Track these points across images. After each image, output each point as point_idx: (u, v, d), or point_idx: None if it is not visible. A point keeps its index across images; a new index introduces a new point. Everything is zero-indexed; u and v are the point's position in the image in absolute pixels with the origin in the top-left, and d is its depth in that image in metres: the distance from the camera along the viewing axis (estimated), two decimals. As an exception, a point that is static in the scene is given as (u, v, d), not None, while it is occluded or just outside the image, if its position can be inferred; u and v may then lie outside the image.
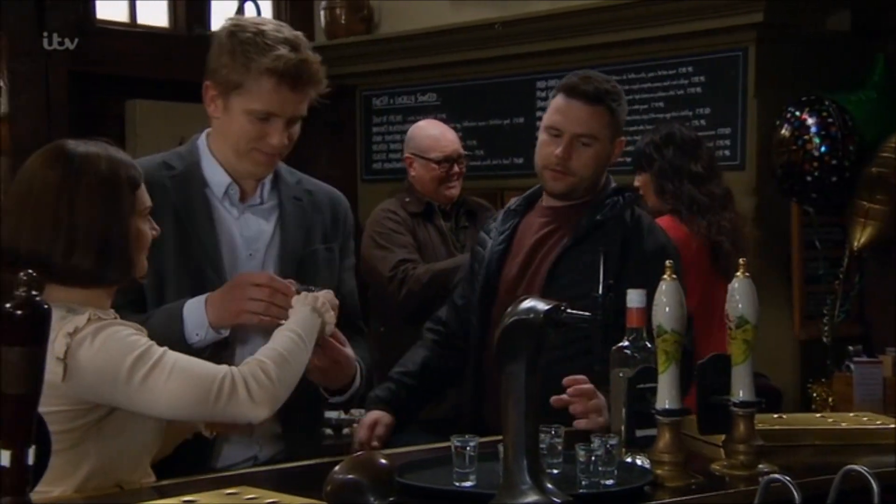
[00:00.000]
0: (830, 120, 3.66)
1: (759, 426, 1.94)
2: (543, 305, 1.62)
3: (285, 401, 1.86)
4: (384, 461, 1.65)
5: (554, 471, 1.78)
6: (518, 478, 1.58)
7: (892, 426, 2.18)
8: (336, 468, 1.62)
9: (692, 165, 3.22)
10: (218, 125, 2.14)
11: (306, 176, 2.28)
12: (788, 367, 3.83)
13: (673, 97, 4.07)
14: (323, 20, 4.95)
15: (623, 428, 1.88)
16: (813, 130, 3.66)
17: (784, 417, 2.32)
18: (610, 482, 1.72)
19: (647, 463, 1.82)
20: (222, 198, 2.15)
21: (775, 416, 2.29)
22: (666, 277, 1.86)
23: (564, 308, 1.63)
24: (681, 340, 1.84)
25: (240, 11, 4.62)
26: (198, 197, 2.12)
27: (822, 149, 3.66)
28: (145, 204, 1.85)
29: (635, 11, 4.00)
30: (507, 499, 1.58)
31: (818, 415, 2.63)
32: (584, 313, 1.71)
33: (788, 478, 1.56)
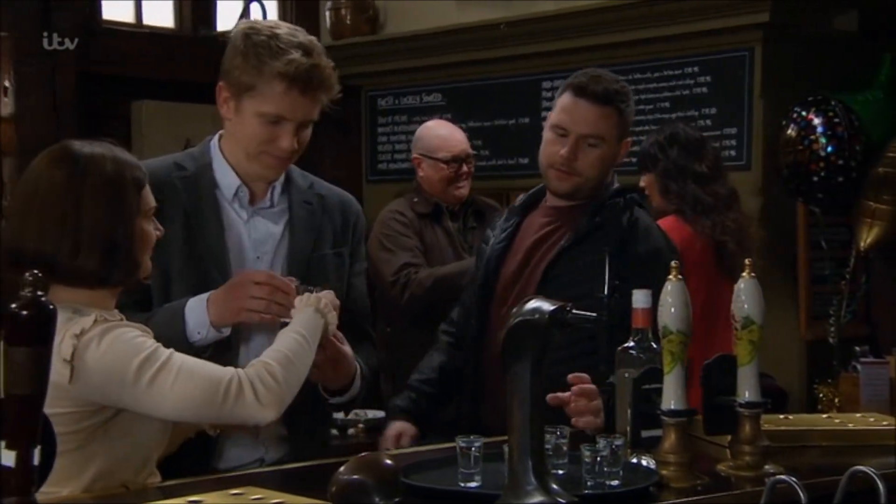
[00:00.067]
0: (837, 120, 3.65)
1: (765, 427, 1.94)
2: (549, 306, 1.62)
3: (291, 403, 1.86)
4: (389, 462, 1.65)
5: (559, 471, 1.78)
6: (523, 478, 1.58)
7: (899, 427, 2.17)
8: (341, 468, 1.62)
9: (696, 165, 3.22)
10: (230, 127, 2.14)
11: (319, 179, 2.28)
12: (794, 368, 3.82)
13: (679, 97, 4.06)
14: (328, 20, 4.95)
15: (628, 428, 1.88)
16: (819, 130, 3.66)
17: (790, 418, 2.32)
18: (615, 483, 1.72)
19: (653, 463, 1.82)
20: (232, 200, 2.15)
21: (781, 417, 2.28)
22: (672, 278, 1.86)
23: (570, 309, 1.63)
24: (686, 341, 1.83)
25: (245, 12, 4.62)
26: (207, 198, 2.12)
27: (829, 149, 3.65)
28: (150, 204, 1.85)
29: (641, 11, 3.99)
30: (513, 499, 1.58)
31: (824, 415, 2.62)
32: (590, 314, 1.70)
33: (794, 479, 1.56)
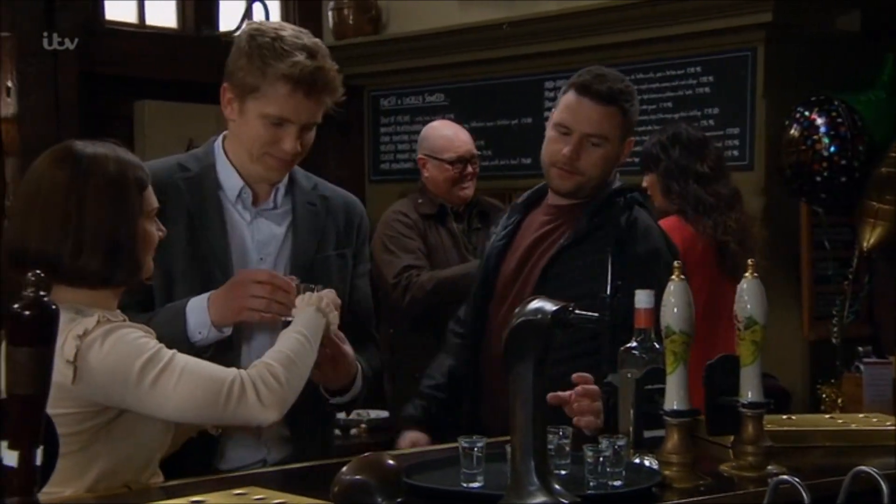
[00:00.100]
0: (840, 120, 3.65)
1: (768, 427, 1.94)
2: (551, 306, 1.62)
3: (293, 404, 1.86)
4: (392, 462, 1.65)
5: (562, 472, 1.77)
6: (526, 479, 1.58)
7: (902, 427, 2.17)
8: (344, 469, 1.62)
9: (698, 165, 3.22)
10: (233, 128, 2.14)
11: (323, 181, 2.28)
12: (797, 368, 3.82)
13: (681, 97, 4.06)
14: (331, 21, 4.95)
15: (631, 429, 1.87)
16: (822, 130, 3.65)
17: (793, 418, 2.31)
18: (618, 483, 1.72)
19: (655, 464, 1.82)
20: (235, 201, 2.15)
21: (784, 418, 2.28)
22: (674, 278, 1.86)
23: (572, 309, 1.63)
24: (689, 342, 1.83)
25: (248, 12, 4.62)
26: (211, 200, 2.12)
27: (832, 149, 3.64)
28: (152, 205, 1.85)
29: (643, 11, 3.99)
30: (515, 499, 1.58)
31: (827, 416, 2.62)
32: (592, 314, 1.70)
33: (797, 479, 1.55)
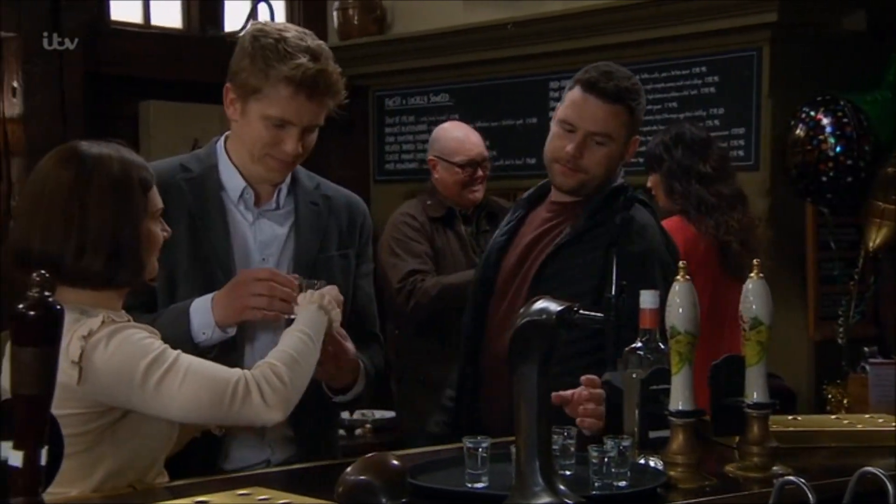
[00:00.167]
0: (845, 120, 3.64)
1: (774, 428, 1.94)
2: (556, 306, 1.61)
3: (297, 404, 1.86)
4: (396, 462, 1.65)
5: (566, 472, 1.77)
6: (531, 479, 1.58)
7: (908, 428, 2.16)
8: (348, 469, 1.62)
9: (701, 166, 3.21)
10: (236, 129, 2.14)
11: (325, 181, 2.28)
12: (803, 369, 3.81)
13: (686, 97, 4.05)
14: (336, 21, 4.96)
15: (636, 429, 1.87)
16: (828, 130, 3.64)
17: (799, 419, 2.31)
18: (623, 484, 1.72)
19: (661, 464, 1.82)
20: (237, 202, 2.15)
21: (790, 418, 2.28)
22: (679, 278, 1.86)
23: (577, 309, 1.62)
24: (694, 342, 1.83)
25: (253, 12, 4.62)
26: (213, 200, 2.12)
27: (837, 149, 3.64)
28: (157, 206, 1.85)
29: (648, 11, 3.99)
30: (520, 500, 1.58)
31: (833, 416, 2.62)
32: (597, 314, 1.70)
33: (803, 480, 1.55)
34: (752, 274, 1.90)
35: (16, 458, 1.23)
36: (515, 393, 1.61)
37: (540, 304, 1.63)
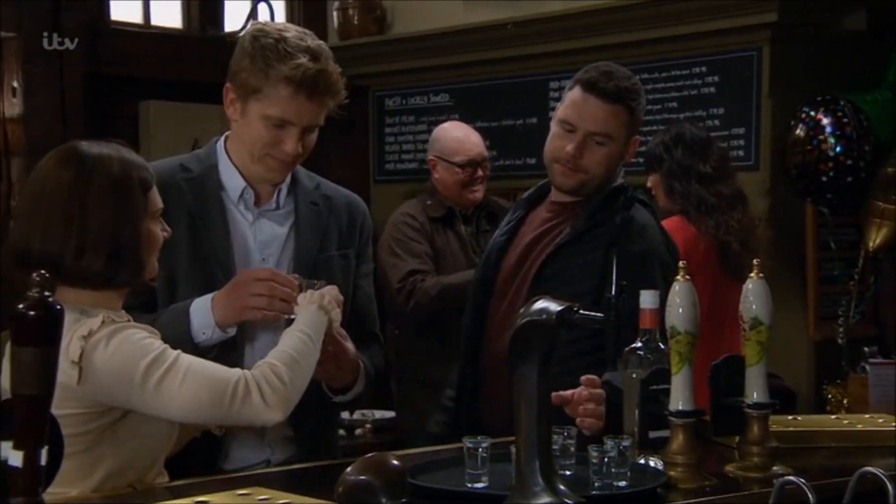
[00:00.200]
0: (846, 120, 3.64)
1: (774, 428, 1.94)
2: (556, 306, 1.61)
3: (297, 404, 1.86)
4: (396, 462, 1.65)
5: (566, 472, 1.77)
6: (531, 479, 1.58)
7: (908, 428, 2.16)
8: (348, 469, 1.62)
9: (700, 166, 3.22)
10: (236, 128, 2.14)
11: (325, 180, 2.28)
12: (803, 369, 3.81)
13: (686, 97, 4.05)
14: (336, 21, 4.96)
15: (636, 429, 1.87)
16: (828, 130, 3.64)
17: (799, 419, 2.31)
18: (623, 484, 1.72)
19: (661, 464, 1.82)
20: (237, 202, 2.15)
21: (790, 418, 2.27)
22: (679, 278, 1.86)
23: (577, 309, 1.62)
24: (694, 342, 1.83)
25: (253, 12, 4.62)
26: (213, 200, 2.12)
27: (837, 149, 3.64)
28: (157, 206, 1.85)
29: (649, 11, 3.99)
30: (520, 500, 1.58)
31: (833, 416, 2.62)
32: (598, 314, 1.69)
33: (803, 480, 1.55)
34: (753, 274, 1.90)
35: (16, 458, 1.23)
36: (515, 393, 1.61)
37: (540, 304, 1.63)
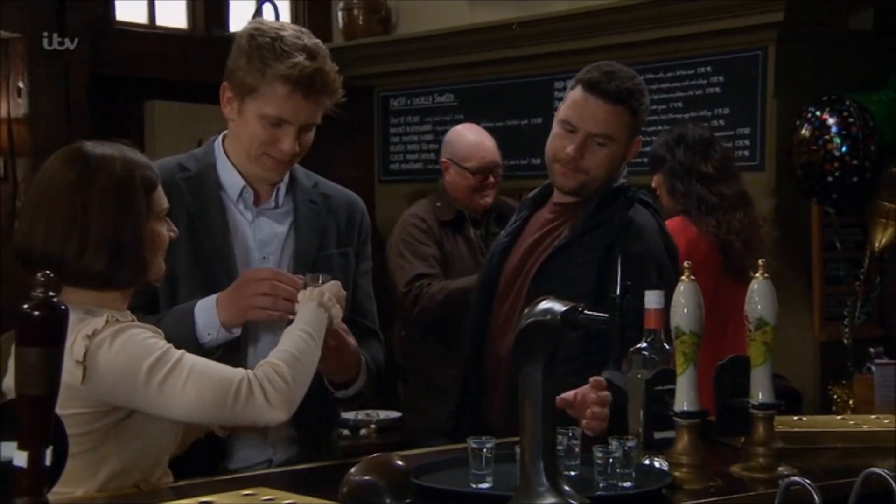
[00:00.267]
0: (851, 120, 3.63)
1: (779, 428, 1.93)
2: (560, 307, 1.61)
3: (300, 404, 1.85)
4: (401, 463, 1.65)
5: (571, 473, 1.77)
6: (535, 480, 1.57)
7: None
8: (352, 469, 1.62)
9: (702, 166, 3.21)
10: (233, 127, 2.14)
11: (323, 179, 2.27)
12: (808, 369, 3.80)
13: (692, 97, 4.05)
14: (340, 21, 4.96)
15: (641, 430, 1.87)
16: (833, 130, 3.64)
17: (804, 420, 2.30)
18: (627, 484, 1.71)
19: (666, 465, 1.81)
20: (237, 201, 2.14)
21: (795, 419, 2.27)
22: (684, 279, 1.85)
23: (582, 309, 1.62)
24: (699, 342, 1.82)
25: (258, 12, 4.63)
26: (212, 200, 2.12)
27: (843, 149, 3.63)
28: (162, 206, 1.85)
29: (654, 11, 3.98)
30: (525, 500, 1.57)
31: (839, 417, 2.61)
32: (602, 315, 1.69)
33: (808, 481, 1.55)
34: (758, 274, 1.89)
35: (20, 459, 1.23)
36: (520, 393, 1.60)
37: (544, 305, 1.63)
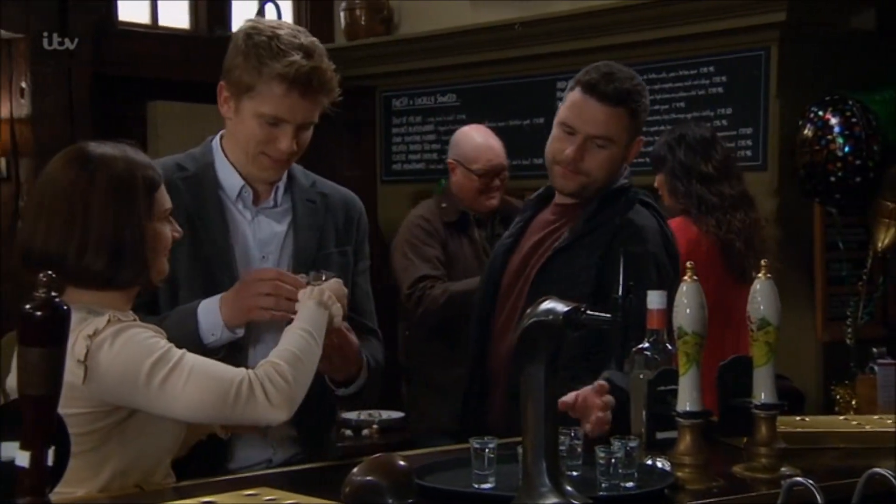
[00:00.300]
0: (854, 120, 3.63)
1: (782, 429, 1.93)
2: (563, 307, 1.61)
3: (300, 404, 1.85)
4: (403, 463, 1.65)
5: (573, 473, 1.77)
6: (537, 480, 1.57)
7: (917, 429, 2.15)
8: (355, 470, 1.62)
9: (702, 166, 3.21)
10: (230, 127, 2.14)
11: (321, 178, 2.27)
12: (811, 369, 3.80)
13: (694, 97, 4.04)
14: (343, 21, 4.96)
15: (643, 430, 1.87)
16: (836, 130, 3.64)
17: (807, 420, 2.30)
18: (630, 485, 1.71)
19: (668, 465, 1.81)
20: (236, 200, 2.14)
21: (798, 419, 2.27)
22: (687, 279, 1.85)
23: (584, 310, 1.62)
24: (702, 343, 1.82)
25: (260, 12, 4.63)
26: (212, 199, 2.12)
27: (846, 149, 3.63)
28: (165, 206, 1.85)
29: (656, 11, 3.98)
30: (527, 500, 1.57)
31: (841, 417, 2.61)
32: (605, 315, 1.69)
33: (811, 481, 1.54)
34: (760, 274, 1.89)
35: (23, 459, 1.23)
36: (522, 393, 1.60)
37: (547, 305, 1.63)
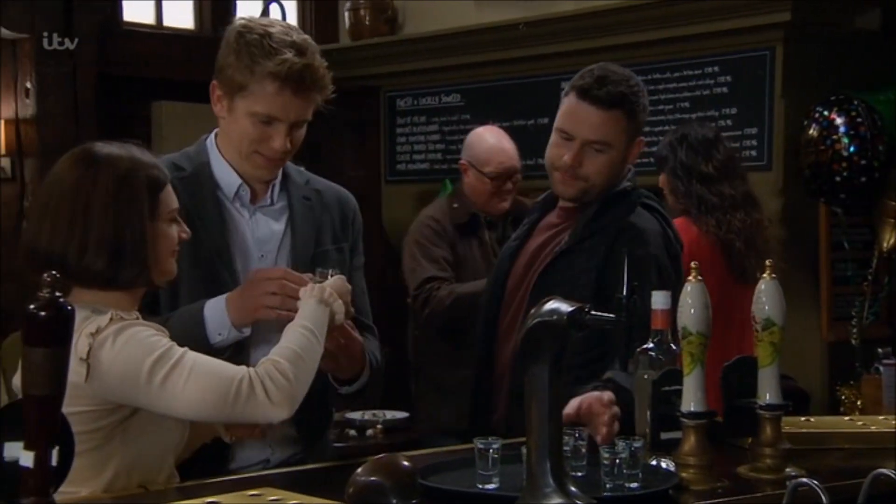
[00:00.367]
0: (859, 119, 3.63)
1: (787, 429, 1.93)
2: (567, 307, 1.61)
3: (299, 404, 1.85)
4: (407, 463, 1.64)
5: (578, 473, 1.77)
6: (542, 480, 1.57)
7: (922, 430, 2.15)
8: (358, 470, 1.62)
9: (703, 166, 3.20)
10: (224, 125, 2.14)
11: (315, 176, 2.27)
12: (816, 370, 3.80)
13: (699, 97, 4.04)
14: (347, 21, 4.96)
15: (647, 431, 1.86)
16: (842, 130, 3.63)
17: (812, 420, 2.29)
18: (634, 485, 1.71)
19: (672, 466, 1.81)
20: (233, 199, 2.14)
21: (803, 419, 2.26)
22: (691, 279, 1.85)
23: (588, 310, 1.62)
24: (706, 343, 1.82)
25: (265, 13, 4.63)
26: (210, 198, 2.11)
27: (851, 149, 3.62)
28: (170, 206, 1.85)
29: (661, 11, 3.98)
30: (531, 501, 1.57)
31: (846, 418, 2.61)
32: (609, 315, 1.69)
33: (816, 482, 1.54)
34: (765, 274, 1.89)
35: (27, 459, 1.23)
36: (526, 393, 1.60)
37: (551, 305, 1.63)
